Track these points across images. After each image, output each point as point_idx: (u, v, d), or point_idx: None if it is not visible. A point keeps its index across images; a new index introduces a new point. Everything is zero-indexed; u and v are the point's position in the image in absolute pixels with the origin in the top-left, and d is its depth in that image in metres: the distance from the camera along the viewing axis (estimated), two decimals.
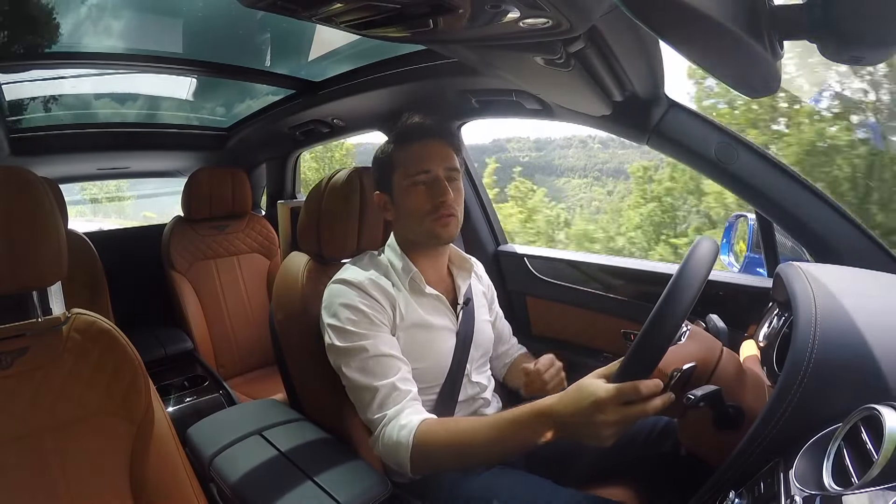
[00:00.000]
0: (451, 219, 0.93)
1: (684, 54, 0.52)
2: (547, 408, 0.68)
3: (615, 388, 0.62)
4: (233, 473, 0.85)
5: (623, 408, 0.62)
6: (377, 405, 0.83)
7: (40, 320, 0.76)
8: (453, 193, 0.93)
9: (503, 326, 1.18)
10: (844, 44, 0.48)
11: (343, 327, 0.87)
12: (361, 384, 0.85)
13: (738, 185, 0.95)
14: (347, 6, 0.59)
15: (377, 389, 0.84)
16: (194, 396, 1.61)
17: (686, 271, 0.63)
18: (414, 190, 0.93)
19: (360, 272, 0.93)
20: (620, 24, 0.68)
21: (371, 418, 0.85)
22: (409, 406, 0.83)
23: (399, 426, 0.80)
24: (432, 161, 0.93)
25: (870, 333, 0.59)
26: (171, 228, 1.94)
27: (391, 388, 0.84)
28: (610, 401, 0.62)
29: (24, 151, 1.74)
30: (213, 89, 1.95)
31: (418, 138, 0.94)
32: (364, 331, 0.87)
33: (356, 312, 0.87)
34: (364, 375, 0.85)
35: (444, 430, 0.78)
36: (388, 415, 0.82)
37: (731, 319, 1.01)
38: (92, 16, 1.30)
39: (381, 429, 0.83)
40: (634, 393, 0.61)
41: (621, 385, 0.62)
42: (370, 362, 0.85)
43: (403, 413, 0.82)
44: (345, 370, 0.87)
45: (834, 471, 0.49)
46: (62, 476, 0.71)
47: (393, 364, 0.86)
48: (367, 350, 0.85)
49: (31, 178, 0.72)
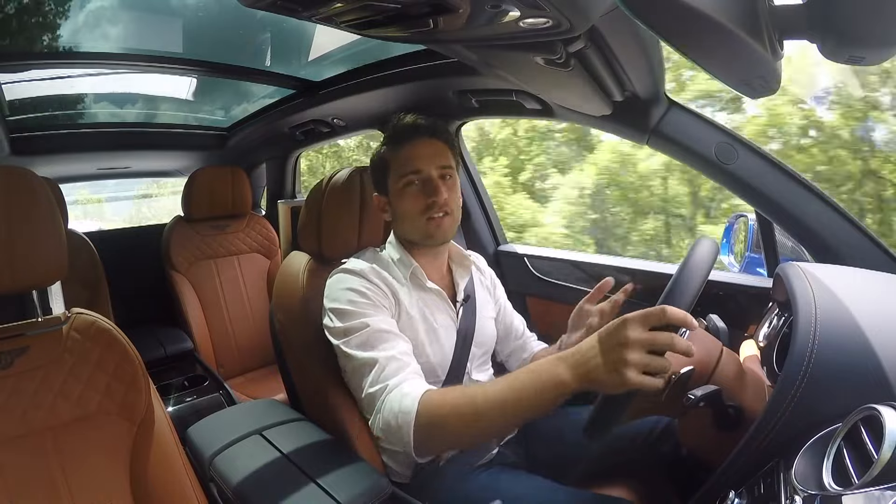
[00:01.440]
0: (444, 219, 0.93)
1: (684, 54, 0.52)
2: (568, 352, 0.64)
3: (644, 310, 0.59)
4: (233, 473, 0.85)
5: (648, 334, 0.58)
6: (377, 376, 0.79)
7: (40, 320, 0.76)
8: (448, 192, 0.93)
9: (513, 320, 1.15)
10: (844, 44, 0.48)
11: (344, 308, 0.86)
12: (362, 358, 0.81)
13: (738, 185, 0.95)
14: (347, 6, 0.60)
15: (377, 360, 0.80)
16: (194, 396, 1.60)
17: (686, 271, 0.63)
18: (406, 191, 0.93)
19: (363, 263, 0.94)
20: (620, 24, 0.68)
21: (371, 391, 0.79)
22: (412, 377, 0.79)
23: (402, 394, 0.75)
24: (424, 160, 0.92)
25: (870, 333, 0.59)
26: (172, 228, 1.94)
27: (392, 359, 0.80)
28: (639, 319, 0.59)
29: (24, 151, 1.74)
30: (213, 89, 1.95)
31: (408, 139, 0.94)
32: (365, 310, 0.86)
33: (358, 294, 0.87)
34: (364, 350, 0.82)
35: (451, 394, 0.74)
36: (389, 384, 0.77)
37: (731, 319, 1.01)
38: (92, 16, 1.30)
39: (381, 400, 0.77)
40: (662, 313, 0.57)
41: (649, 309, 0.59)
42: (372, 336, 0.82)
43: (406, 382, 0.77)
44: (345, 349, 0.84)
45: (834, 471, 0.49)
46: (62, 475, 0.71)
47: (394, 339, 0.84)
48: (369, 325, 0.83)
49: (31, 177, 0.72)
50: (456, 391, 0.76)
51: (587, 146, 4.08)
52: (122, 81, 1.76)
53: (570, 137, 4.18)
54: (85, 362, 0.76)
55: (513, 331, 1.14)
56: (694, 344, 0.78)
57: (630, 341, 0.58)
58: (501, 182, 4.23)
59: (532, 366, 0.67)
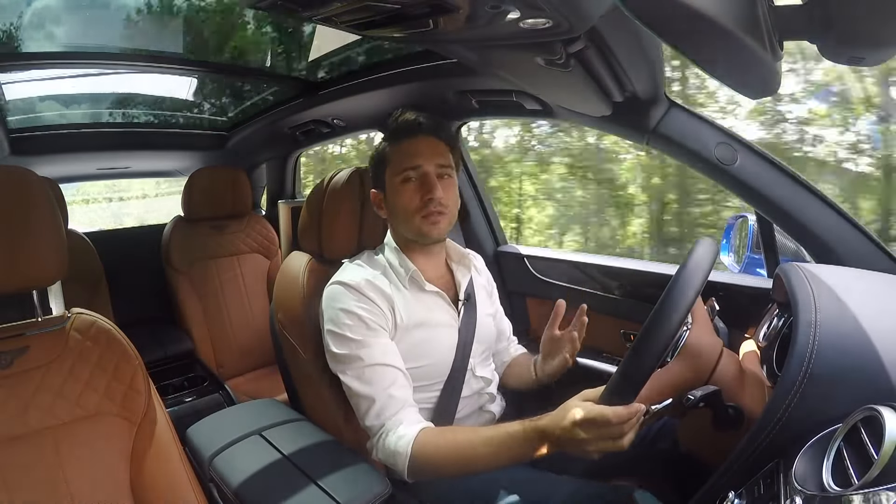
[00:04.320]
0: (440, 217, 0.92)
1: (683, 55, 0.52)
2: (539, 425, 0.70)
3: (590, 410, 0.64)
4: (232, 473, 0.85)
5: (598, 430, 0.64)
6: (374, 414, 0.86)
7: (40, 320, 0.76)
8: (445, 190, 0.93)
9: (503, 324, 1.17)
10: (844, 44, 0.48)
11: (340, 333, 0.88)
12: (358, 392, 0.87)
13: (739, 186, 0.95)
14: (347, 6, 0.59)
15: (373, 399, 0.86)
16: (194, 396, 1.61)
17: (686, 272, 0.63)
18: (403, 186, 0.93)
19: (358, 273, 0.93)
20: (620, 25, 0.68)
21: (368, 426, 0.87)
22: (406, 415, 0.85)
23: (397, 437, 0.82)
24: (422, 157, 0.92)
25: (870, 334, 0.59)
26: (172, 228, 1.94)
27: (387, 397, 0.85)
28: (585, 423, 0.64)
29: (24, 151, 1.74)
30: (213, 89, 1.95)
31: (408, 135, 0.95)
32: (361, 337, 0.88)
33: (353, 318, 0.88)
34: (360, 384, 0.87)
35: (442, 442, 0.80)
36: (385, 425, 0.85)
37: (731, 319, 1.01)
38: (92, 16, 1.30)
39: (378, 438, 0.85)
40: (604, 421, 0.62)
41: (593, 409, 0.64)
42: (366, 371, 0.87)
43: (402, 424, 0.84)
44: (342, 377, 0.90)
45: (834, 471, 0.49)
46: (62, 475, 0.71)
47: (388, 373, 0.87)
48: (363, 359, 0.87)
49: (31, 177, 0.72)
50: (446, 437, 0.81)
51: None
52: (122, 81, 1.76)
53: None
54: (85, 362, 0.75)
55: (502, 334, 1.16)
56: (694, 341, 0.79)
57: (583, 441, 0.65)
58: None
59: (511, 432, 0.73)
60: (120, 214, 5.02)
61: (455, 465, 0.78)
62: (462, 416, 0.99)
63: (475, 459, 0.75)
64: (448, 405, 0.96)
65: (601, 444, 0.64)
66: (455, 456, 0.78)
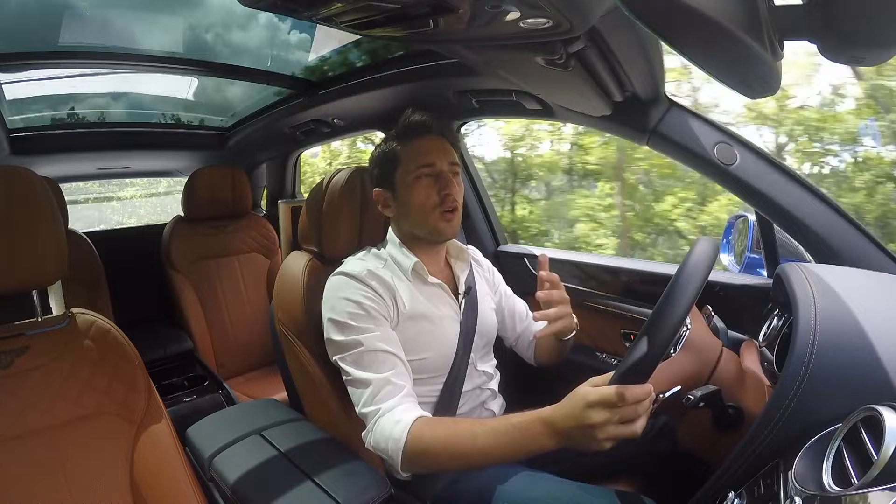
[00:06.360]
0: (454, 214, 0.94)
1: (684, 55, 0.52)
2: (546, 416, 0.67)
3: (603, 390, 0.62)
4: (232, 473, 0.85)
5: (612, 412, 0.61)
6: (371, 398, 0.83)
7: (40, 319, 0.76)
8: (457, 188, 0.95)
9: (515, 304, 1.16)
10: (844, 44, 0.48)
11: (342, 321, 0.88)
12: (356, 377, 0.85)
13: (739, 186, 0.95)
14: (347, 6, 0.60)
15: (370, 383, 0.83)
16: (194, 396, 1.61)
17: (686, 271, 0.63)
18: (419, 183, 0.93)
19: (360, 264, 0.94)
20: (620, 24, 0.68)
21: (365, 411, 0.84)
22: (405, 402, 0.82)
23: (394, 421, 0.79)
24: (436, 155, 0.94)
25: (870, 334, 0.59)
26: (172, 228, 1.94)
27: (385, 382, 0.83)
28: (599, 403, 0.61)
29: (24, 151, 1.74)
30: (214, 89, 1.95)
31: (420, 134, 0.96)
32: (362, 324, 0.87)
33: (355, 306, 0.88)
34: (359, 369, 0.85)
35: (441, 430, 0.77)
36: (381, 408, 0.81)
37: (732, 319, 1.01)
38: (92, 15, 1.30)
39: (374, 422, 0.82)
40: (620, 398, 0.60)
41: (607, 389, 0.62)
42: (365, 356, 0.85)
43: (399, 408, 0.81)
44: (341, 363, 0.88)
45: (834, 471, 0.49)
46: (62, 475, 0.71)
47: (388, 359, 0.86)
48: (363, 344, 0.85)
49: (31, 177, 0.72)
50: (446, 425, 0.78)
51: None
52: (122, 81, 1.76)
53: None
54: (85, 362, 0.76)
55: (517, 314, 1.15)
56: (694, 343, 0.79)
57: (596, 425, 0.61)
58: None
59: (516, 422, 0.70)
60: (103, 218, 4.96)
61: (454, 457, 0.74)
62: (463, 412, 1.00)
63: (475, 452, 0.72)
64: (450, 399, 0.96)
65: (614, 430, 0.61)
66: (454, 447, 0.74)
